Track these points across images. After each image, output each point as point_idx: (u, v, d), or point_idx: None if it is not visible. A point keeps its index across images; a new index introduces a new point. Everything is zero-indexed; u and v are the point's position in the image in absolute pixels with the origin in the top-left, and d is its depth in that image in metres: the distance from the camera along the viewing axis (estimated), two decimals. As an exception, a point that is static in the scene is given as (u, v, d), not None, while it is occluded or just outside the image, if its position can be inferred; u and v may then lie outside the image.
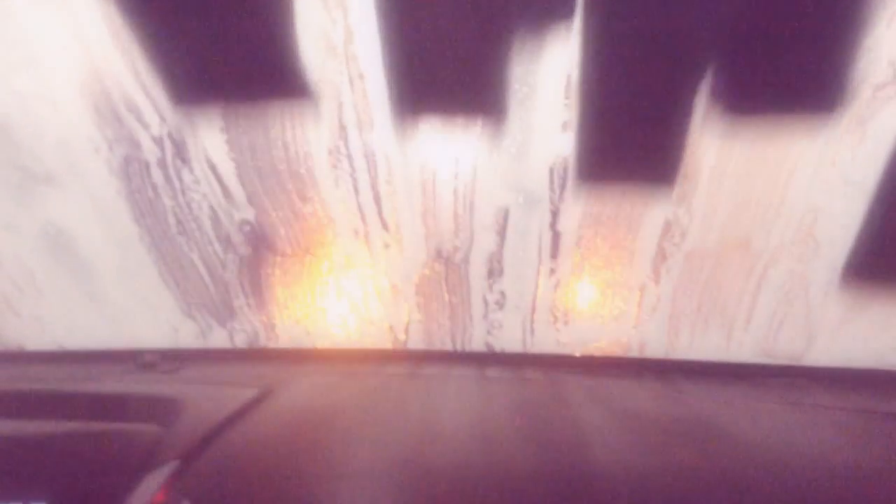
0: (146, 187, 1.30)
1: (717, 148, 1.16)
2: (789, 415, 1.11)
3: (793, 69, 1.07)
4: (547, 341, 1.43)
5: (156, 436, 1.02)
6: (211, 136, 1.24)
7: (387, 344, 1.47)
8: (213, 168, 1.28)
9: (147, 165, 1.27)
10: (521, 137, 1.20)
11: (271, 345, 1.48)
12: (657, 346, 1.39)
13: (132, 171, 1.28)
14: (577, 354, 1.41)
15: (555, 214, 1.28)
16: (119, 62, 1.16)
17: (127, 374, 1.31)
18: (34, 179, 1.30)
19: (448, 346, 1.46)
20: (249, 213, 1.34)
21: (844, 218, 1.20)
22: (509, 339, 1.44)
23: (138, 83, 1.19)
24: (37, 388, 1.18)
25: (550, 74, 1.13)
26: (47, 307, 1.45)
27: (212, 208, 1.32)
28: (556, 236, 1.30)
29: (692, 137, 1.15)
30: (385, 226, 1.34)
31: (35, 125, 1.22)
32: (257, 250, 1.38)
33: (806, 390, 1.23)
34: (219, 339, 1.48)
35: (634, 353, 1.41)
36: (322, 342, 1.47)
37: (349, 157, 1.25)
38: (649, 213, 1.25)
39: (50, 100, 1.20)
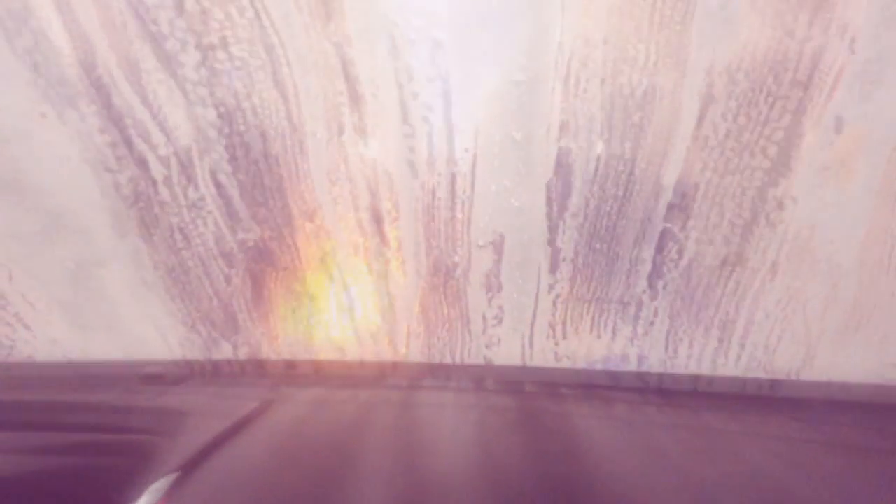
0: (153, 205, 1.33)
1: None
2: (787, 430, 1.10)
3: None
4: (546, 355, 1.43)
5: (157, 447, 1.04)
6: (216, 156, 1.27)
7: (386, 356, 1.48)
8: (218, 186, 1.31)
9: (154, 183, 1.30)
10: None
11: (274, 357, 1.49)
12: (655, 360, 1.40)
13: (139, 190, 1.31)
14: (576, 368, 1.42)
15: (553, 230, 1.29)
16: (128, 86, 1.20)
17: (132, 385, 1.33)
18: (51, 215, 1.33)
19: (447, 360, 1.47)
20: (253, 230, 1.36)
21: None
22: (508, 353, 1.44)
23: (146, 105, 1.22)
24: (42, 399, 1.20)
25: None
26: (57, 321, 1.47)
27: (216, 225, 1.35)
28: (555, 252, 1.32)
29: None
30: (385, 242, 1.36)
31: (47, 144, 1.25)
32: (260, 266, 1.40)
33: (804, 406, 1.22)
34: (223, 350, 1.50)
35: (632, 366, 1.41)
36: (323, 354, 1.48)
37: (349, 178, 1.28)
38: (646, 229, 1.26)
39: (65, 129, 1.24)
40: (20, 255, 1.38)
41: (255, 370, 1.46)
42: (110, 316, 1.46)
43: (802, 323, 1.30)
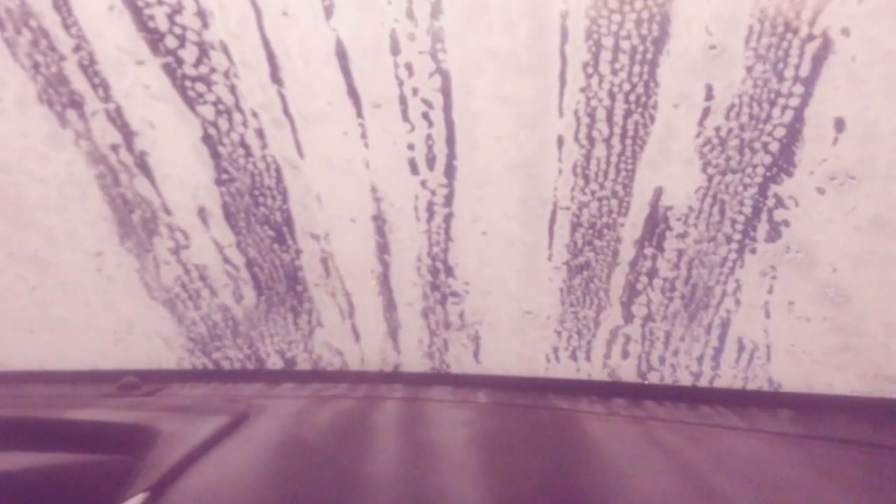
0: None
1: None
2: (764, 443, 1.07)
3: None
4: (536, 367, 1.40)
5: (128, 466, 0.99)
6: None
7: (369, 366, 1.45)
8: (218, 184, 1.29)
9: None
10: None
11: (255, 366, 1.46)
12: (655, 360, 1.36)
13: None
14: (577, 369, 1.39)
15: (554, 229, 1.26)
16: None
17: (107, 396, 1.28)
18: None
19: (447, 364, 1.43)
20: (251, 232, 1.35)
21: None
22: (497, 364, 1.41)
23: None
24: (8, 414, 1.16)
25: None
26: (38, 329, 1.45)
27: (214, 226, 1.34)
28: (557, 251, 1.29)
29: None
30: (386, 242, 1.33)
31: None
32: (258, 269, 1.39)
33: (781, 417, 1.19)
34: (203, 361, 1.46)
35: (633, 367, 1.37)
36: (305, 364, 1.45)
37: (349, 177, 1.26)
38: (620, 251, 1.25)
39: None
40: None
41: (236, 379, 1.42)
42: (90, 325, 1.44)
43: (779, 335, 1.26)
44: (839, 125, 1.05)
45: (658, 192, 1.19)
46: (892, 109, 1.02)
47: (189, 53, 1.16)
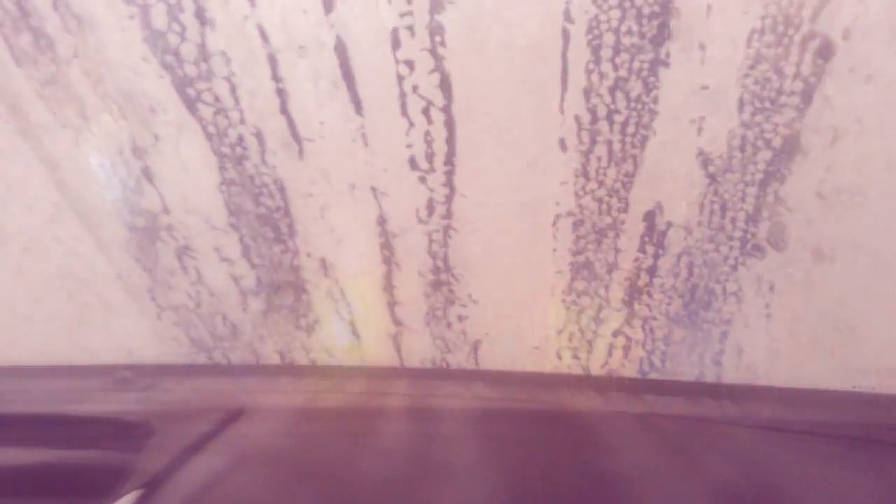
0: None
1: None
2: (765, 437, 1.07)
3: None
4: (538, 364, 1.39)
5: (122, 462, 0.98)
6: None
7: (368, 363, 1.44)
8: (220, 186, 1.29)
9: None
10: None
11: (251, 362, 1.45)
12: (629, 367, 1.37)
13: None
14: (578, 367, 1.39)
15: (555, 229, 1.27)
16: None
17: (101, 391, 1.28)
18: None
19: (448, 362, 1.43)
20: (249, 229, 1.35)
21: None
22: (502, 359, 1.41)
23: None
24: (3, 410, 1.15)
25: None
26: (31, 323, 1.43)
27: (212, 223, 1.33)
28: (558, 249, 1.28)
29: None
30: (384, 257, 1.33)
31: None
32: (258, 267, 1.39)
33: (782, 412, 1.20)
34: (199, 356, 1.45)
35: (634, 365, 1.37)
36: (303, 360, 1.44)
37: (349, 175, 1.26)
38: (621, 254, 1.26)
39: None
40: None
41: (233, 373, 1.42)
42: (85, 320, 1.43)
43: (768, 328, 1.26)
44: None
45: (659, 191, 1.20)
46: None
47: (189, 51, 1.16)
